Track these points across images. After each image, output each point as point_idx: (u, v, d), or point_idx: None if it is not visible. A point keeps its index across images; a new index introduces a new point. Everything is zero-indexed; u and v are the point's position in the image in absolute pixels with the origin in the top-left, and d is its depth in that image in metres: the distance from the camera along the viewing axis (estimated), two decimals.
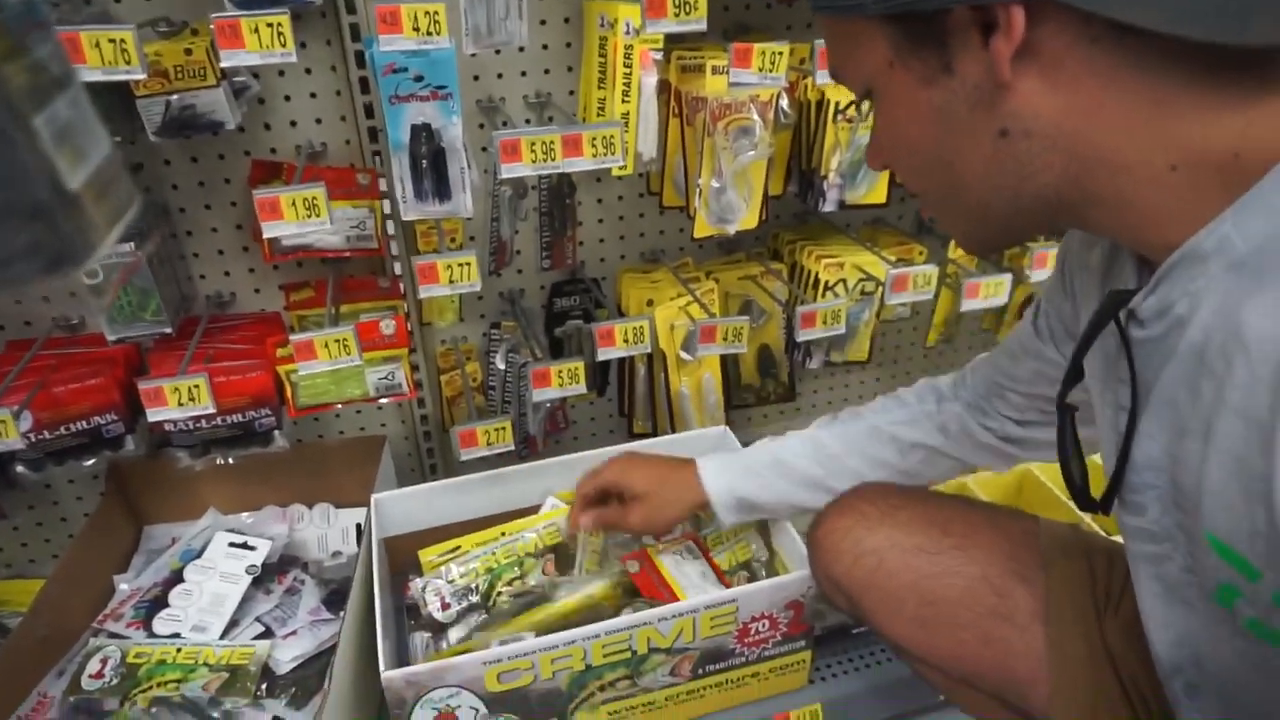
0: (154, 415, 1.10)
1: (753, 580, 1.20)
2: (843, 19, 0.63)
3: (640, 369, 1.47)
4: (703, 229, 1.24)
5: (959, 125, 0.58)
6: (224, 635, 1.23)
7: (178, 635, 1.21)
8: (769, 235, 1.55)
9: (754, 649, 1.13)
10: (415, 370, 1.40)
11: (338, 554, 1.41)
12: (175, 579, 1.28)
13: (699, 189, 1.21)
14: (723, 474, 1.10)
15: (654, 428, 1.51)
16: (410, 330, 1.33)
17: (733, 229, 1.24)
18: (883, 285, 1.34)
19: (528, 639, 1.04)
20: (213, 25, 0.89)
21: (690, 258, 1.51)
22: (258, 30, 0.89)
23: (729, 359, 1.49)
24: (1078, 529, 0.92)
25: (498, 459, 1.34)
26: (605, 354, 1.26)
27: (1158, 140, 0.52)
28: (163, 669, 1.17)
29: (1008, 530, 0.91)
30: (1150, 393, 0.60)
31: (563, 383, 1.24)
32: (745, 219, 1.25)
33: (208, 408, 1.11)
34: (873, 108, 0.66)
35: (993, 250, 0.72)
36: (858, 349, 1.52)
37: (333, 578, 1.35)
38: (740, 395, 1.56)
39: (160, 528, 1.44)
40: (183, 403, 1.10)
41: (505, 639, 1.07)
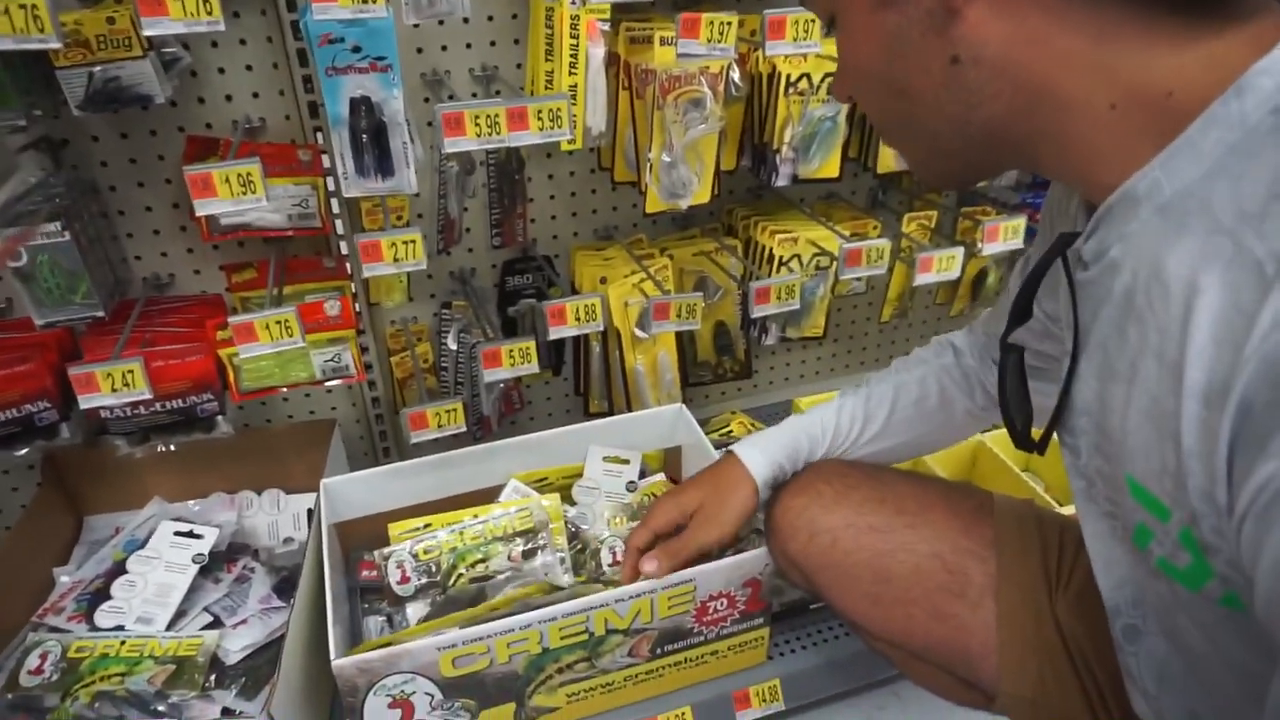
0: (87, 402, 1.06)
1: None
2: None
3: (595, 347, 1.45)
4: (654, 204, 1.22)
5: (911, 50, 0.59)
6: (171, 626, 1.19)
7: (121, 628, 1.18)
8: (723, 211, 1.54)
9: (712, 627, 1.13)
10: (364, 352, 1.37)
11: (289, 540, 1.38)
12: (118, 570, 1.25)
13: (650, 163, 1.19)
14: (764, 457, 1.00)
15: (610, 406, 1.50)
16: (357, 311, 1.30)
17: (685, 204, 1.23)
18: (836, 260, 1.33)
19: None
20: None
21: (644, 234, 1.49)
22: None
23: (685, 336, 1.48)
24: (1031, 504, 0.93)
25: (451, 441, 1.31)
26: (557, 332, 1.24)
27: (1099, 75, 0.53)
28: (106, 663, 1.13)
29: (961, 507, 0.92)
30: (1089, 336, 0.61)
31: (514, 362, 1.22)
32: (697, 193, 1.23)
33: (144, 393, 1.07)
34: (835, 34, 0.67)
35: (952, 185, 0.74)
36: (813, 324, 1.51)
37: (284, 565, 1.32)
38: (696, 372, 1.55)
39: (102, 518, 1.40)
40: (117, 388, 1.05)
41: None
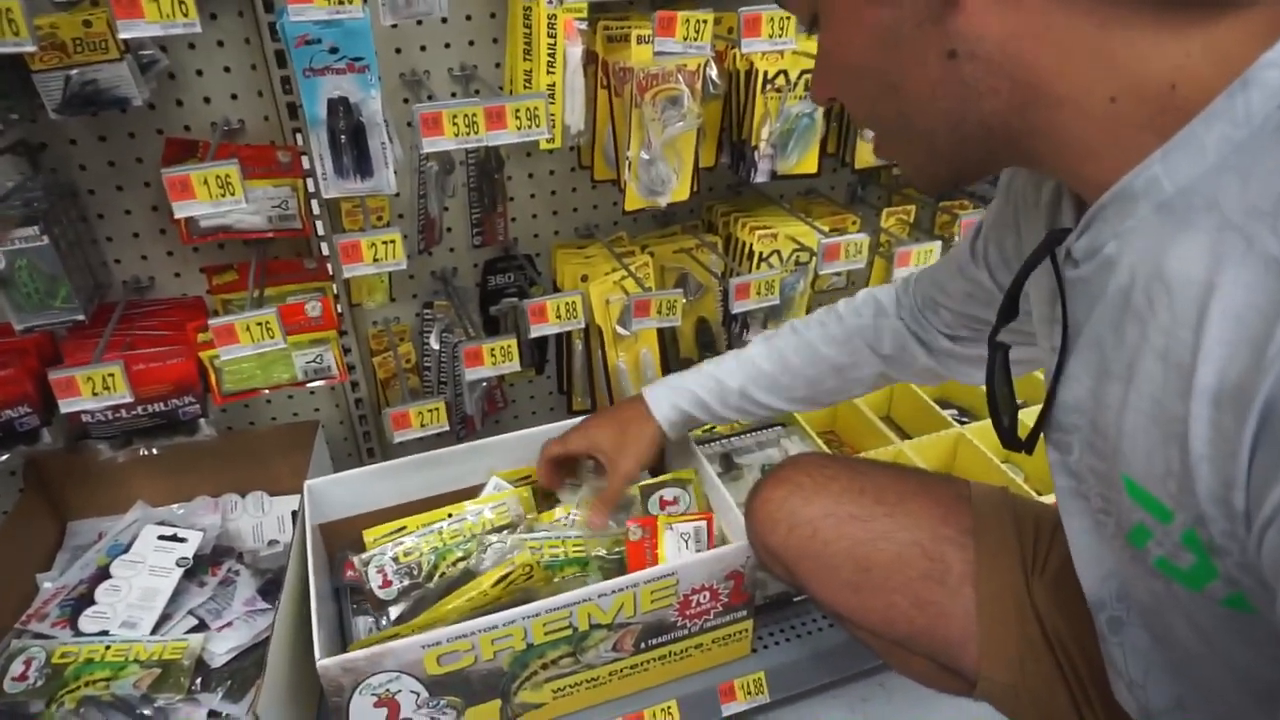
0: (67, 406, 1.06)
1: None
2: None
3: (578, 345, 1.46)
4: (634, 201, 1.23)
5: (906, 44, 0.57)
6: (156, 630, 1.19)
7: (106, 633, 1.18)
8: (703, 208, 1.55)
9: (696, 621, 1.14)
10: (346, 353, 1.37)
11: (274, 543, 1.38)
12: (102, 575, 1.25)
13: (628, 161, 1.20)
14: (666, 401, 1.15)
15: (593, 404, 1.50)
16: (339, 311, 1.30)
17: (664, 201, 1.23)
18: (816, 255, 1.34)
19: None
20: None
21: (625, 232, 1.49)
22: None
23: (667, 333, 1.49)
24: (1007, 492, 0.94)
25: (434, 440, 1.32)
26: (538, 330, 1.24)
27: (1099, 66, 0.51)
28: (91, 668, 1.13)
29: (939, 496, 0.93)
30: (1080, 334, 0.60)
31: (496, 361, 1.22)
32: (676, 190, 1.24)
33: (125, 396, 1.07)
34: (818, 32, 0.64)
35: (945, 187, 0.71)
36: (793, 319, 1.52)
37: (269, 567, 1.32)
38: (679, 369, 1.56)
39: (85, 523, 1.39)
40: (97, 392, 1.05)
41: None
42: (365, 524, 1.23)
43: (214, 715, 1.12)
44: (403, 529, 1.21)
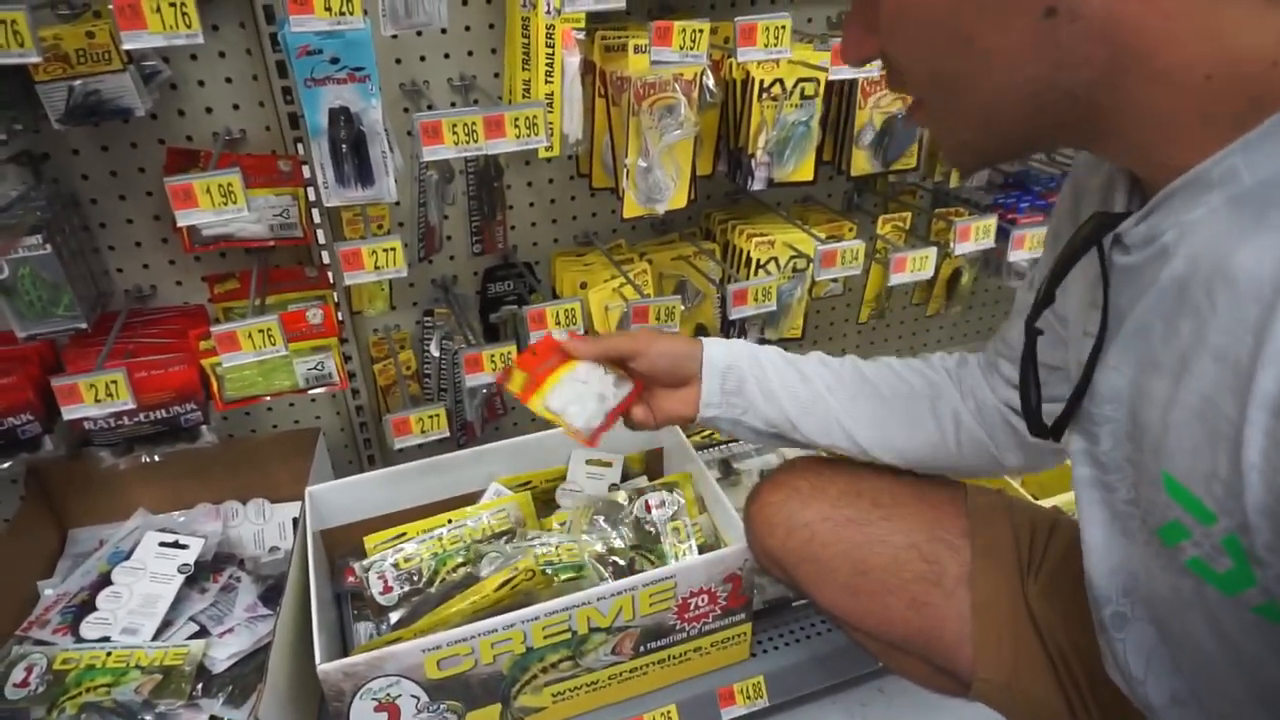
0: (70, 413, 1.07)
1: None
2: None
3: None
4: (632, 209, 1.24)
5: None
6: (157, 636, 1.20)
7: (107, 639, 1.18)
8: (701, 215, 1.56)
9: (694, 624, 1.14)
10: (347, 360, 1.38)
11: (275, 549, 1.39)
12: (103, 582, 1.25)
13: (626, 169, 1.21)
14: (719, 344, 0.99)
15: None
16: (340, 319, 1.31)
17: (662, 208, 1.24)
18: (813, 262, 1.35)
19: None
20: (112, 5, 0.86)
21: (623, 239, 1.50)
22: (160, 10, 0.86)
23: None
24: (1003, 495, 0.95)
25: (435, 446, 1.33)
26: (538, 337, 1.25)
27: (1205, 39, 0.47)
28: (92, 674, 1.14)
29: (935, 499, 0.94)
30: (1123, 323, 0.58)
31: (496, 367, 1.23)
32: (674, 198, 1.25)
33: (127, 403, 1.08)
34: None
35: (983, 166, 0.65)
36: (791, 326, 1.53)
37: (270, 573, 1.33)
38: None
39: (86, 530, 1.40)
40: (100, 399, 1.06)
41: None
42: (366, 530, 1.24)
43: None
44: (403, 535, 1.22)
